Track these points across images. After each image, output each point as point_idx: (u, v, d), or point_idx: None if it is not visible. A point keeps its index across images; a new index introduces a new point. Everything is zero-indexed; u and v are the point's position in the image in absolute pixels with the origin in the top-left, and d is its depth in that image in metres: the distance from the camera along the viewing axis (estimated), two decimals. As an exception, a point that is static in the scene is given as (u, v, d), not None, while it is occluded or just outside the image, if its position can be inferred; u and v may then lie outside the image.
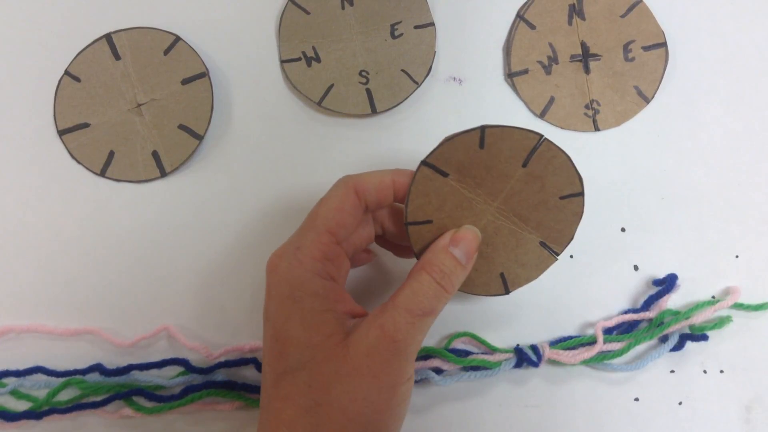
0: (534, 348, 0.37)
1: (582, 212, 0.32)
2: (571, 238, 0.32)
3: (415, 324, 0.28)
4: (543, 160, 0.30)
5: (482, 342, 0.38)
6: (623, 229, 0.40)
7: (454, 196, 0.31)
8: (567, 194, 0.31)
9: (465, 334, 0.38)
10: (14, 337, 0.37)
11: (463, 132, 0.29)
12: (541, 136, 0.30)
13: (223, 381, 0.37)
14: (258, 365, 0.37)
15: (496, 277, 0.33)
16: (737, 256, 0.40)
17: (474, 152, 0.30)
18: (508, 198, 0.31)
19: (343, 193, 0.31)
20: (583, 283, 0.40)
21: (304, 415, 0.28)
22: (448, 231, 0.31)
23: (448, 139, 0.30)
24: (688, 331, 0.39)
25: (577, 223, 0.32)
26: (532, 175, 0.30)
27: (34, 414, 0.36)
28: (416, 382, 0.37)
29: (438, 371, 0.37)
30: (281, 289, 0.30)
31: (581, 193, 0.31)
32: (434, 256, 0.30)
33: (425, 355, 0.37)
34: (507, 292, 0.33)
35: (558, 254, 0.33)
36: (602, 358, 0.38)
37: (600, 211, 0.40)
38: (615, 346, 0.38)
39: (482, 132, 0.29)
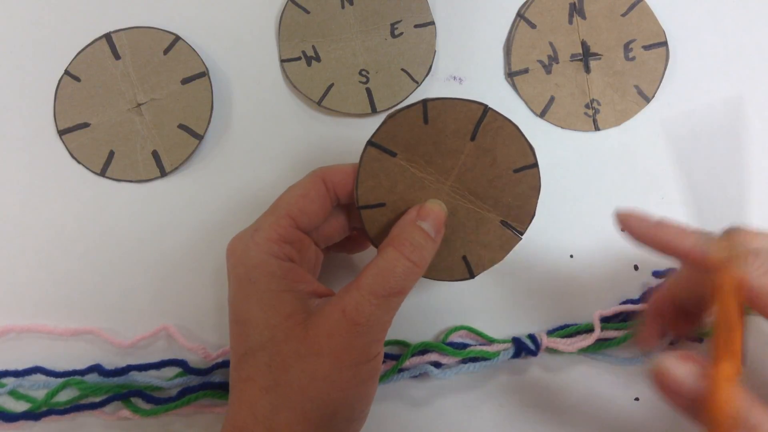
0: (532, 337, 0.37)
1: (539, 186, 0.30)
2: (533, 215, 0.31)
3: (380, 305, 0.28)
4: (491, 131, 0.29)
5: (479, 334, 0.38)
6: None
7: (404, 176, 0.30)
8: (520, 167, 0.30)
9: (462, 327, 0.38)
10: (14, 337, 0.37)
11: (406, 108, 0.29)
12: (485, 106, 0.29)
13: (219, 382, 0.36)
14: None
15: (459, 260, 0.32)
16: (738, 256, 0.40)
17: (419, 128, 0.29)
18: (460, 175, 0.30)
19: (309, 181, 0.31)
20: (582, 283, 0.39)
21: (264, 396, 0.28)
22: (413, 207, 0.30)
23: (391, 116, 0.29)
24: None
25: (536, 198, 0.31)
26: (482, 148, 0.30)
27: (33, 415, 0.36)
28: (415, 376, 0.37)
29: (437, 365, 0.37)
30: (238, 271, 0.30)
31: (535, 165, 0.30)
32: (402, 231, 0.29)
33: (423, 350, 0.37)
34: (472, 275, 0.32)
35: (521, 233, 0.31)
36: (600, 346, 0.38)
37: (600, 211, 0.40)
38: (613, 334, 0.38)
39: (424, 106, 0.29)
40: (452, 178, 0.30)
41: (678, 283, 0.31)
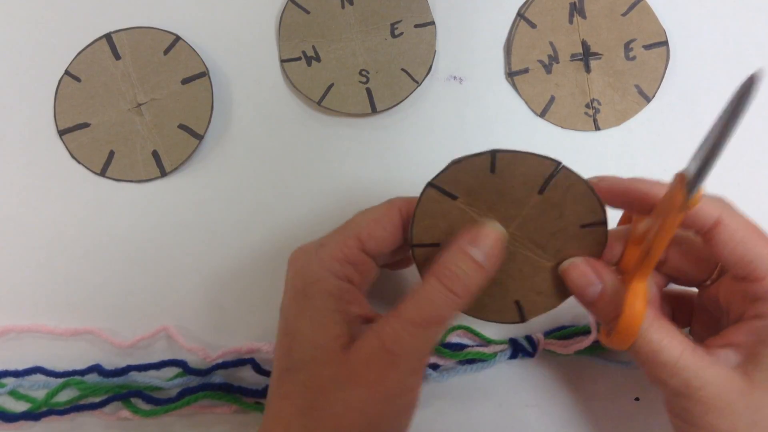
0: (529, 338, 0.37)
1: (605, 242, 0.30)
2: None
3: (417, 335, 0.27)
4: (561, 188, 0.28)
5: (477, 334, 0.38)
6: (624, 229, 0.40)
7: (463, 219, 0.29)
8: (588, 223, 0.29)
9: (459, 327, 0.38)
10: (14, 337, 0.37)
11: (473, 155, 0.28)
12: (559, 163, 0.28)
13: (219, 383, 0.36)
14: (255, 365, 0.37)
15: (511, 304, 0.31)
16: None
17: (484, 176, 0.28)
18: (523, 224, 0.29)
19: (385, 208, 0.30)
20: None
21: (299, 416, 0.27)
22: (466, 230, 0.28)
23: (456, 162, 0.28)
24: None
25: (601, 252, 0.30)
26: (550, 202, 0.29)
27: (33, 415, 0.36)
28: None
29: (434, 367, 0.37)
30: (296, 283, 0.29)
31: (604, 222, 0.29)
32: (447, 258, 0.28)
33: None
34: (523, 320, 0.31)
35: None
36: (597, 349, 0.37)
37: (601, 211, 0.40)
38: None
39: (493, 156, 0.28)
40: (513, 226, 0.29)
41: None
